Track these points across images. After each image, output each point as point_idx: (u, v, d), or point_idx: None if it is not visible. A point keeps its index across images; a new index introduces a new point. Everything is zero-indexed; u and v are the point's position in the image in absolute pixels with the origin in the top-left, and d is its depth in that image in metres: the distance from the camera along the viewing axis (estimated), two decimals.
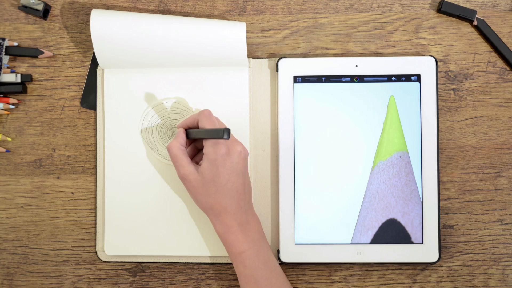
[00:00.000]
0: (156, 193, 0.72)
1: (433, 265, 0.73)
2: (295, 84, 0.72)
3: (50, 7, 0.75)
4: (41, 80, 0.75)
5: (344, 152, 0.72)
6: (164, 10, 0.75)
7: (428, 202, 0.71)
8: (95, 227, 0.74)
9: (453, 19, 0.74)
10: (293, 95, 0.72)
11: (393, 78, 0.72)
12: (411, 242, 0.71)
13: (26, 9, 0.74)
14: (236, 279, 0.73)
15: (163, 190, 0.72)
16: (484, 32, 0.73)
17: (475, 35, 0.74)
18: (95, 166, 0.74)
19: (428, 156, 0.71)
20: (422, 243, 0.71)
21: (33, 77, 0.75)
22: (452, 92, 0.74)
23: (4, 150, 0.75)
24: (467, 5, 0.74)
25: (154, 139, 0.72)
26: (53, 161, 0.75)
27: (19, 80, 0.74)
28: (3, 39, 0.74)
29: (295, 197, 0.71)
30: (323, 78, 0.72)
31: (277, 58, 0.73)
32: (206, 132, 0.66)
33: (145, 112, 0.72)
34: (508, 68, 0.74)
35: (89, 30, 0.75)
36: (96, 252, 0.74)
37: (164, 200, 0.72)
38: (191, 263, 0.73)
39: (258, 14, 0.75)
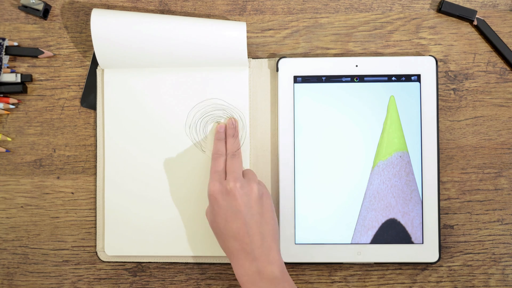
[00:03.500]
0: (156, 193, 0.72)
1: (433, 265, 0.73)
2: (295, 84, 0.72)
3: (50, 7, 0.75)
4: (41, 80, 0.75)
5: (344, 152, 0.72)
6: (164, 10, 0.75)
7: (428, 202, 0.71)
8: (95, 227, 0.74)
9: (453, 19, 0.74)
10: (293, 95, 0.72)
11: (393, 78, 0.72)
12: (411, 242, 0.71)
13: (26, 9, 0.74)
14: (236, 279, 0.73)
15: (163, 190, 0.72)
16: (484, 32, 0.73)
17: (475, 35, 0.74)
18: (95, 166, 0.74)
19: (428, 156, 0.71)
20: (422, 243, 0.71)
21: (33, 77, 0.75)
22: (452, 92, 0.74)
23: (4, 150, 0.75)
24: (467, 5, 0.74)
25: (199, 136, 0.72)
26: (53, 161, 0.75)
27: (19, 80, 0.74)
28: (3, 39, 0.74)
29: (295, 197, 0.71)
30: (323, 78, 0.72)
31: (277, 58, 0.73)
32: None
33: (189, 109, 0.72)
34: (508, 68, 0.74)
35: (89, 30, 0.75)
36: (96, 252, 0.74)
37: (164, 200, 0.72)
38: (191, 263, 0.73)
39: (258, 14, 0.75)
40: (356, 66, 0.72)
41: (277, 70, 0.73)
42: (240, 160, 0.69)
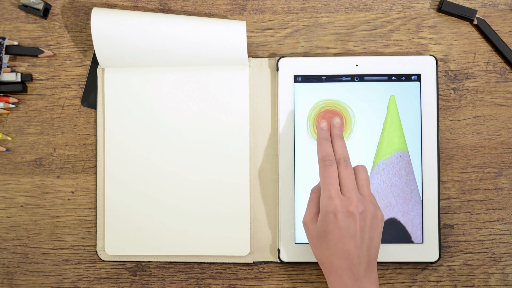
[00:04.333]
0: (157, 192, 0.72)
1: (433, 265, 0.73)
2: (295, 83, 0.72)
3: (50, 6, 0.75)
4: (41, 79, 0.75)
5: None
6: (164, 9, 0.75)
7: (428, 201, 0.71)
8: (95, 227, 0.74)
9: (453, 18, 0.74)
10: (293, 95, 0.72)
11: (393, 78, 0.72)
12: (411, 242, 0.71)
13: (26, 8, 0.74)
14: (236, 278, 0.73)
15: (163, 189, 0.72)
16: (484, 32, 0.73)
17: (475, 34, 0.74)
18: (95, 165, 0.74)
19: (428, 156, 0.71)
20: (422, 242, 0.71)
21: (33, 76, 0.75)
22: (452, 91, 0.74)
23: (4, 149, 0.75)
24: (467, 5, 0.74)
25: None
26: (53, 160, 0.75)
27: (19, 79, 0.74)
28: (3, 38, 0.74)
29: (295, 197, 0.71)
30: (323, 78, 0.72)
31: (277, 58, 0.73)
32: None
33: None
34: (508, 68, 0.74)
35: (89, 29, 0.75)
36: (96, 252, 0.74)
37: (165, 199, 0.72)
38: (191, 262, 0.73)
39: (258, 13, 0.75)
40: (356, 65, 0.72)
41: (277, 69, 0.73)
42: (352, 171, 0.64)
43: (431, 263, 0.71)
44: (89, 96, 0.75)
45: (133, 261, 0.74)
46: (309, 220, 0.65)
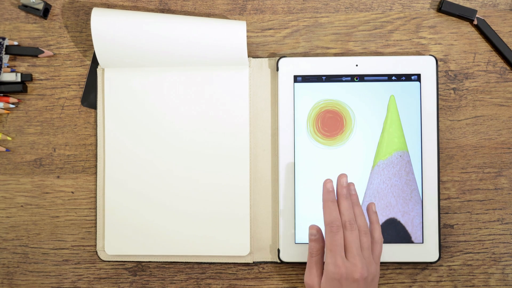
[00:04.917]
0: (157, 192, 0.72)
1: (433, 265, 0.73)
2: (295, 83, 0.72)
3: (50, 6, 0.75)
4: (41, 80, 0.75)
5: (344, 151, 0.72)
6: (164, 10, 0.75)
7: (428, 201, 0.71)
8: (95, 227, 0.74)
9: (453, 18, 0.74)
10: (293, 95, 0.72)
11: (393, 78, 0.72)
12: (411, 242, 0.71)
13: (26, 8, 0.74)
14: (236, 278, 0.73)
15: (163, 189, 0.72)
16: (484, 32, 0.73)
17: (475, 34, 0.74)
18: (95, 165, 0.74)
19: (428, 156, 0.71)
20: (422, 242, 0.71)
21: (33, 76, 0.75)
22: (452, 91, 0.74)
23: (4, 149, 0.75)
24: (467, 5, 0.74)
25: None
26: (53, 160, 0.75)
27: (19, 80, 0.74)
28: (3, 38, 0.74)
29: (295, 197, 0.71)
30: (323, 78, 0.72)
31: (277, 58, 0.73)
32: None
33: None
34: (508, 68, 0.74)
35: (89, 29, 0.75)
36: (96, 252, 0.74)
37: (165, 199, 0.72)
38: (191, 262, 0.73)
39: (258, 13, 0.75)
40: (356, 65, 0.72)
41: (277, 69, 0.73)
42: (357, 233, 0.64)
43: (431, 263, 0.71)
44: (89, 96, 0.75)
45: (133, 261, 0.74)
46: (314, 283, 0.66)
